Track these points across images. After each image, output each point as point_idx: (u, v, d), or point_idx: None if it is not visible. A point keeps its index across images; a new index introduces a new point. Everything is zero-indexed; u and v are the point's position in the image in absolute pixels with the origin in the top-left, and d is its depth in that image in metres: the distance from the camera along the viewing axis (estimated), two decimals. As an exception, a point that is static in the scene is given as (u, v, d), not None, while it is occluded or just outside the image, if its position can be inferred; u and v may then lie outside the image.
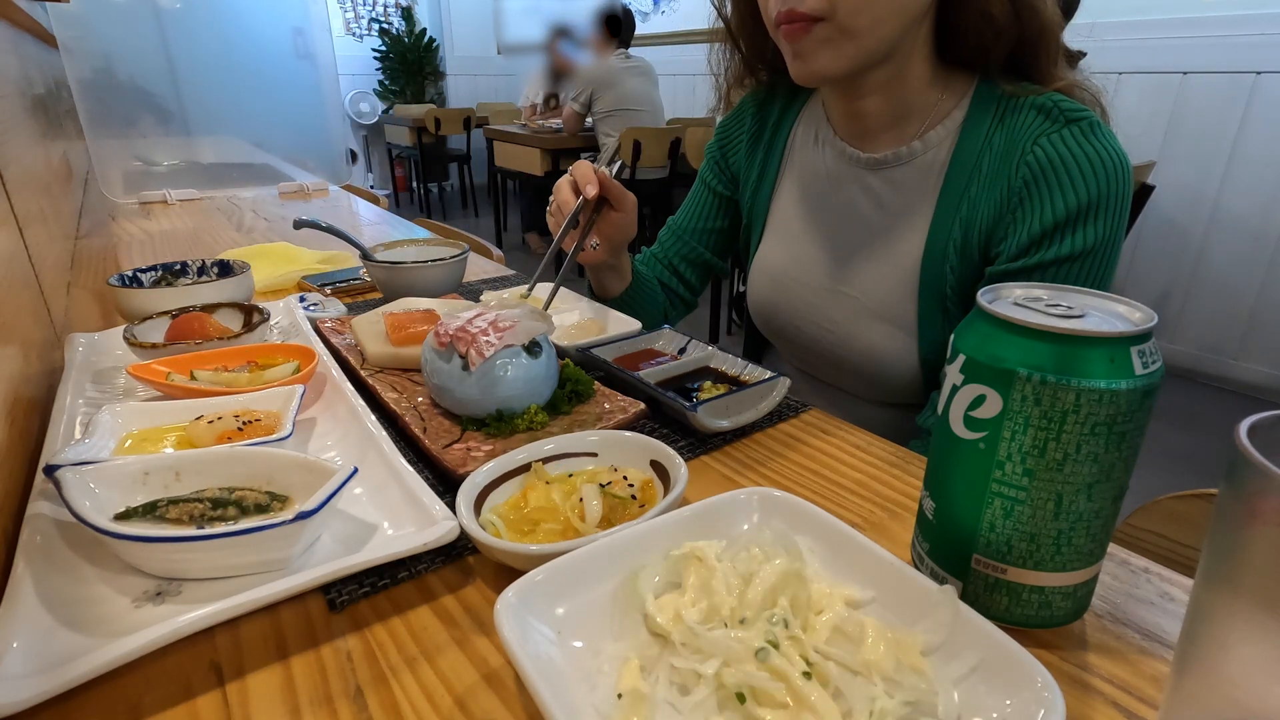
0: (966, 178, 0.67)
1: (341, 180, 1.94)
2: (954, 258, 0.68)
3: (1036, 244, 0.63)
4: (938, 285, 0.69)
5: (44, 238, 0.80)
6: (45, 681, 0.30)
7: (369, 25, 5.97)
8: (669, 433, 0.57)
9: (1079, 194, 0.61)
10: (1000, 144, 0.65)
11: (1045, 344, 0.31)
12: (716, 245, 0.94)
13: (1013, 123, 0.65)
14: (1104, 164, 0.61)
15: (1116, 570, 0.41)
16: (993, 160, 0.66)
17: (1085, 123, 0.62)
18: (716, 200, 0.92)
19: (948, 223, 0.68)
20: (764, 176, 0.85)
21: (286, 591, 0.36)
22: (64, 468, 0.40)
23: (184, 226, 1.40)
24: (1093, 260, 0.63)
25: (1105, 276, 0.64)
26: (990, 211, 0.66)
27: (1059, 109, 0.63)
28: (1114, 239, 0.63)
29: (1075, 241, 0.62)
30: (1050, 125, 0.63)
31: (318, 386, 0.60)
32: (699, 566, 0.35)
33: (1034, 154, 0.63)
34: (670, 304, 0.96)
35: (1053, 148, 0.62)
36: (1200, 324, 2.55)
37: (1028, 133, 0.64)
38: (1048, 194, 0.62)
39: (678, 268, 0.95)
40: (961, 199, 0.67)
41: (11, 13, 1.02)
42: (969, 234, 0.67)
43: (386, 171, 6.03)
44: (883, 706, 0.28)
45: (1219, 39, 2.32)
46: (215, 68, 1.80)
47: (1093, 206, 0.61)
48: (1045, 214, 0.62)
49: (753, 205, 0.87)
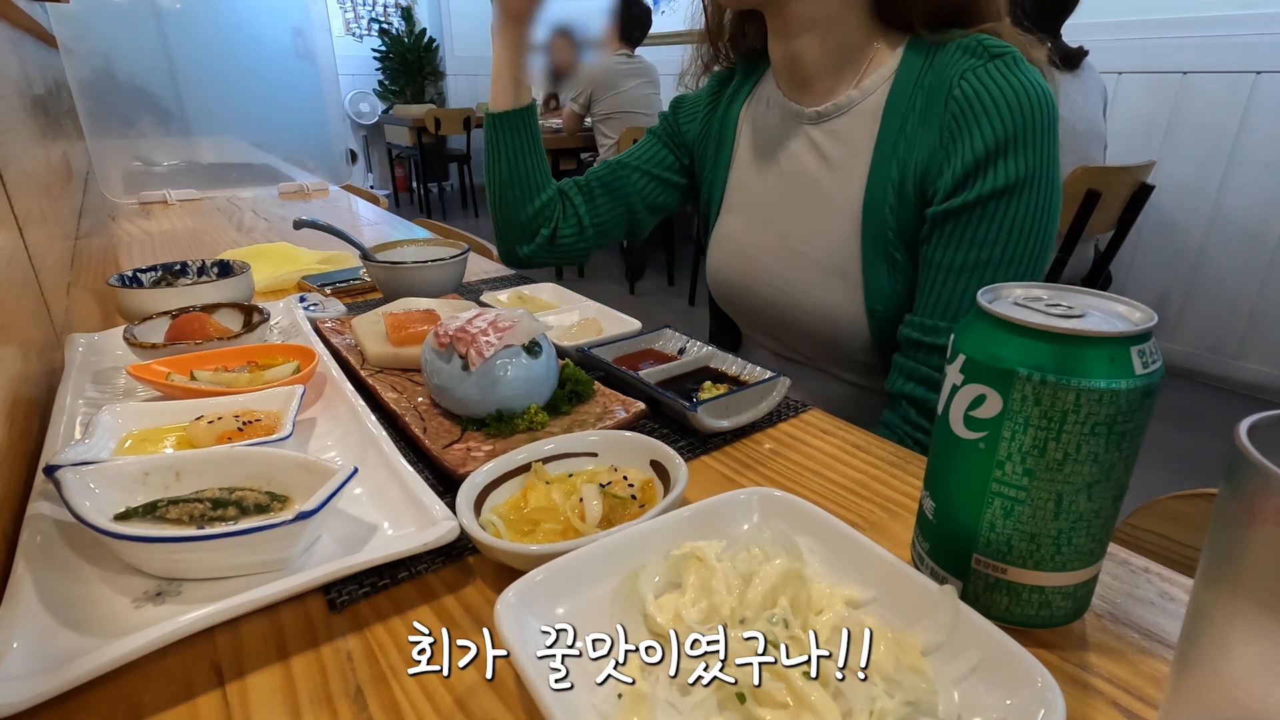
0: (901, 118, 0.69)
1: (341, 180, 1.94)
2: (893, 199, 0.69)
3: (969, 178, 0.64)
4: (879, 229, 0.70)
5: (44, 238, 0.80)
6: (45, 681, 0.30)
7: (369, 25, 5.96)
8: (669, 433, 0.57)
9: (1004, 125, 0.62)
10: (930, 83, 0.67)
11: (1045, 344, 0.31)
12: (648, 191, 0.92)
13: (941, 62, 0.67)
14: (1027, 95, 0.62)
15: (1116, 570, 0.41)
16: (924, 99, 0.67)
17: (1008, 57, 0.64)
18: (661, 149, 0.92)
19: (885, 165, 0.69)
20: (720, 153, 0.87)
21: (286, 591, 0.36)
22: (64, 468, 0.40)
23: (184, 227, 1.40)
24: (1028, 194, 0.63)
25: (1044, 215, 0.64)
26: (925, 150, 0.67)
27: (982, 46, 0.65)
28: (1044, 172, 0.63)
29: (1003, 174, 0.63)
30: (975, 61, 0.65)
31: (318, 386, 0.60)
32: (699, 566, 0.35)
33: (960, 88, 0.64)
34: (562, 211, 0.92)
35: (978, 80, 0.64)
36: (1200, 324, 2.55)
37: (955, 69, 0.65)
38: (975, 127, 0.63)
39: (593, 190, 0.92)
40: (897, 139, 0.69)
41: (11, 13, 1.02)
42: (905, 174, 0.68)
43: (386, 171, 6.03)
44: (883, 706, 0.28)
45: (1219, 39, 2.32)
46: (215, 68, 1.80)
47: (1017, 137, 0.62)
48: (973, 147, 0.63)
49: (712, 182, 0.88)
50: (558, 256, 0.94)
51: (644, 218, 0.94)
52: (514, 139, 0.88)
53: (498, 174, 0.90)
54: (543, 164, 0.91)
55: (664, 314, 3.21)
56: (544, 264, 0.96)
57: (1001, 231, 0.64)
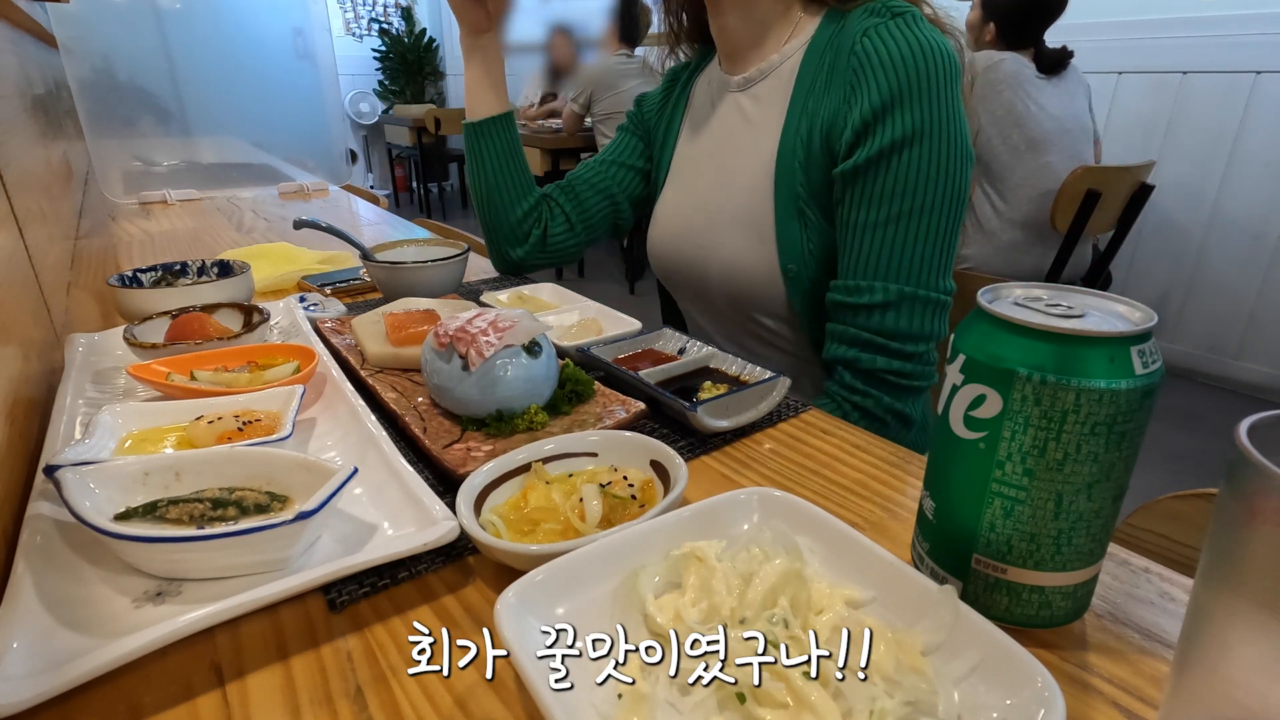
0: (812, 78, 0.72)
1: (341, 180, 1.94)
2: (802, 153, 0.71)
3: (867, 130, 0.67)
4: (790, 185, 0.73)
5: (44, 238, 0.80)
6: (45, 681, 0.30)
7: (369, 25, 5.97)
8: (669, 433, 0.57)
9: (898, 78, 0.65)
10: (838, 44, 0.71)
11: (1045, 344, 0.31)
12: (625, 182, 0.96)
13: (849, 25, 0.71)
14: (921, 49, 0.65)
15: (1116, 570, 0.41)
16: (831, 58, 0.71)
17: (908, 16, 0.68)
18: (632, 139, 0.96)
19: (795, 121, 0.72)
20: (669, 131, 0.91)
21: (286, 591, 0.36)
22: (64, 468, 0.40)
23: (184, 226, 1.40)
24: (926, 144, 0.65)
25: (948, 164, 0.66)
26: (830, 107, 0.70)
27: (886, 7, 0.69)
28: (941, 121, 0.65)
29: (899, 125, 0.65)
30: (876, 20, 0.69)
31: (318, 386, 0.60)
32: (699, 566, 0.35)
33: (861, 45, 0.68)
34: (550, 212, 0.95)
35: (877, 37, 0.67)
36: (1200, 324, 2.55)
37: (858, 28, 0.69)
38: (871, 81, 0.66)
39: (575, 188, 0.95)
40: (808, 97, 0.72)
41: (11, 13, 1.02)
42: (813, 130, 0.71)
43: (386, 171, 6.03)
44: (883, 706, 0.28)
45: (1219, 39, 2.32)
46: (215, 68, 1.81)
47: (910, 90, 0.65)
48: (870, 100, 0.66)
49: (660, 160, 0.92)
50: (550, 257, 0.96)
51: (626, 210, 0.98)
52: (496, 145, 0.90)
53: (483, 181, 0.92)
54: (525, 168, 0.93)
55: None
56: (537, 266, 0.97)
57: (907, 183, 0.66)
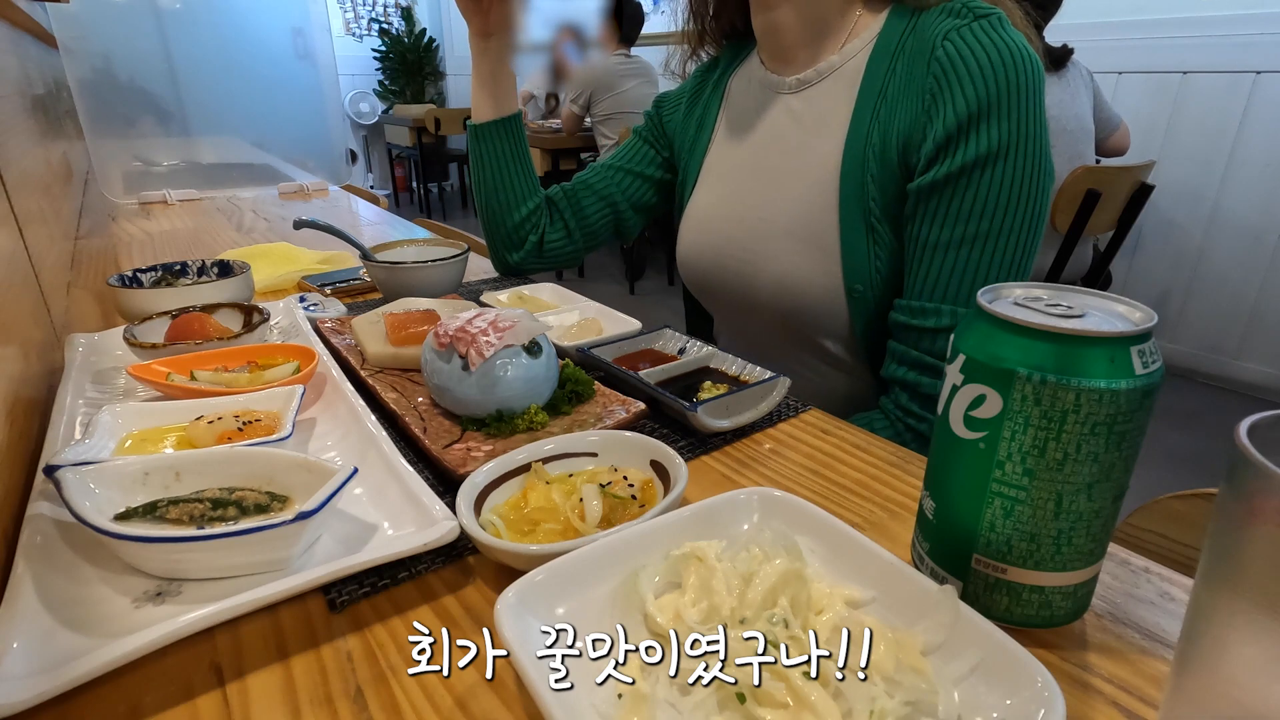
0: (881, 81, 0.67)
1: (341, 180, 1.94)
2: (874, 165, 0.66)
3: (950, 143, 0.62)
4: (858, 197, 0.67)
5: (44, 238, 0.80)
6: (45, 681, 0.30)
7: (369, 25, 5.97)
8: (669, 433, 0.57)
9: (986, 88, 0.60)
10: (912, 46, 0.66)
11: (1045, 344, 0.31)
12: (631, 190, 0.93)
13: (924, 25, 0.66)
14: (1010, 55, 0.60)
15: (1116, 570, 0.41)
16: (906, 63, 0.66)
17: (994, 18, 0.63)
18: (644, 147, 0.93)
19: (864, 129, 0.67)
20: (701, 131, 0.86)
21: (286, 591, 0.36)
22: (64, 468, 0.40)
23: (184, 227, 1.40)
24: (1011, 162, 0.61)
25: (1031, 183, 0.61)
26: (907, 114, 0.64)
27: (967, 8, 0.64)
28: (1028, 137, 0.60)
29: (984, 140, 0.60)
30: (959, 21, 0.63)
31: (318, 386, 0.60)
32: (699, 566, 0.35)
33: (943, 49, 0.62)
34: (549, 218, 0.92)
35: (961, 40, 0.62)
36: (1200, 324, 2.55)
37: (938, 30, 0.64)
38: (957, 89, 0.61)
39: (578, 194, 0.93)
40: (878, 104, 0.67)
41: (11, 13, 1.02)
42: (887, 138, 0.66)
43: (386, 171, 6.03)
44: (883, 706, 0.28)
45: (1219, 39, 2.32)
46: (215, 68, 1.81)
47: (998, 101, 0.60)
48: (955, 110, 0.61)
49: (689, 161, 0.87)
50: (547, 262, 0.95)
51: (630, 218, 0.95)
52: (496, 149, 0.88)
53: (483, 184, 0.90)
54: (528, 171, 0.91)
55: (664, 314, 3.21)
56: (535, 270, 0.97)
57: (987, 203, 0.61)
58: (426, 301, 0.74)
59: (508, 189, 0.89)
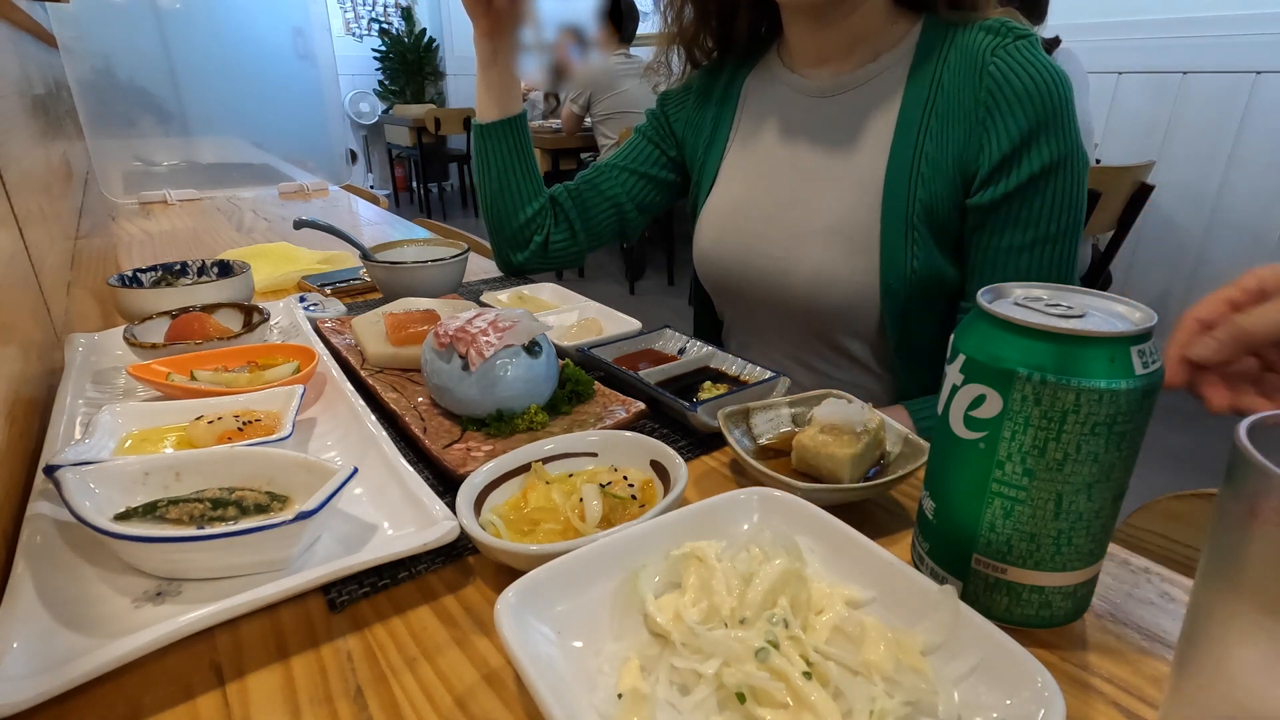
0: (928, 92, 0.70)
1: (341, 180, 1.94)
2: (927, 172, 0.69)
3: (1007, 164, 0.66)
4: (903, 199, 0.70)
5: (44, 238, 0.80)
6: (45, 681, 0.30)
7: (369, 25, 5.96)
8: (669, 433, 0.57)
9: (1035, 112, 0.65)
10: (956, 60, 0.69)
11: (1045, 344, 0.31)
12: (636, 190, 0.93)
13: (964, 42, 0.69)
14: (1055, 78, 0.65)
15: (1116, 570, 0.41)
16: (951, 76, 0.69)
17: (1031, 38, 0.68)
18: (649, 146, 0.93)
19: (912, 136, 0.70)
20: (717, 132, 0.86)
21: (286, 591, 0.36)
22: (64, 468, 0.40)
23: (184, 226, 1.40)
24: (1065, 171, 0.66)
25: (1081, 185, 0.67)
26: (960, 128, 0.68)
27: (1006, 27, 0.69)
28: (1075, 146, 0.66)
29: (1041, 157, 0.65)
30: (1002, 40, 0.68)
31: (318, 386, 0.60)
32: (699, 566, 0.35)
33: (994, 65, 0.66)
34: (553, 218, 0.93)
35: (1009, 58, 0.66)
36: (1200, 324, 2.54)
37: (984, 47, 0.68)
38: (1009, 113, 0.66)
39: (582, 194, 0.93)
40: (925, 114, 0.70)
41: (11, 13, 1.02)
42: (941, 149, 0.69)
43: (386, 171, 6.03)
44: (883, 706, 0.28)
45: (1219, 39, 2.32)
46: (215, 68, 1.81)
47: (1048, 122, 0.65)
48: (1009, 134, 0.65)
49: (704, 162, 0.87)
50: (551, 262, 0.95)
51: (634, 217, 0.95)
52: (501, 149, 0.88)
53: (488, 184, 0.90)
54: (533, 172, 0.91)
55: (664, 314, 3.21)
56: (539, 270, 0.97)
57: (1049, 208, 0.67)
58: (426, 301, 0.74)
59: (513, 189, 0.89)
